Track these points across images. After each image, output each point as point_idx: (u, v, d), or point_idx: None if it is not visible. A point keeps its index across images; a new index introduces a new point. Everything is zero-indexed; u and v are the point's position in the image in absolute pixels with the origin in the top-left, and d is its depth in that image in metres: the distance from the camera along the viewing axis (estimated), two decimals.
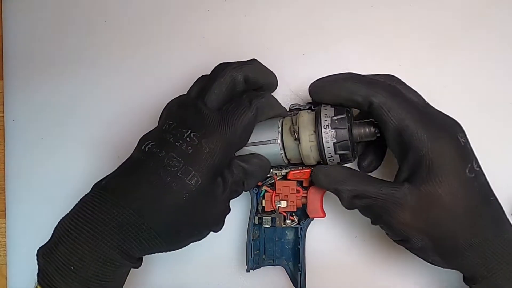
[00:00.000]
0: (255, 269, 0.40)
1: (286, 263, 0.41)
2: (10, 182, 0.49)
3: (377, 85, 0.33)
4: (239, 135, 0.34)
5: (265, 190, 0.40)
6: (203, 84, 0.36)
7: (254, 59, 0.37)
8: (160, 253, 0.34)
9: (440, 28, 0.44)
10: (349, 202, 0.34)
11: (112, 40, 0.48)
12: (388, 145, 0.34)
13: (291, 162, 0.38)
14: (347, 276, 0.44)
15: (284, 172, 0.39)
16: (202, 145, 0.32)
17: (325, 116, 0.35)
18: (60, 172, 0.48)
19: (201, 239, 0.36)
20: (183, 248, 0.36)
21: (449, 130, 0.33)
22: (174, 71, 0.47)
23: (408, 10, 0.44)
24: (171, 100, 0.37)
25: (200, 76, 0.37)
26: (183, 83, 0.46)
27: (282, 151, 0.37)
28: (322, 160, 0.36)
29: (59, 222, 0.32)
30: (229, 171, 0.35)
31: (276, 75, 0.39)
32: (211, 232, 0.36)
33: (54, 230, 0.32)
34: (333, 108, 0.35)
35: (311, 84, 0.36)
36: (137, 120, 0.47)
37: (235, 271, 0.45)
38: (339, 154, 0.35)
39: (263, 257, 0.41)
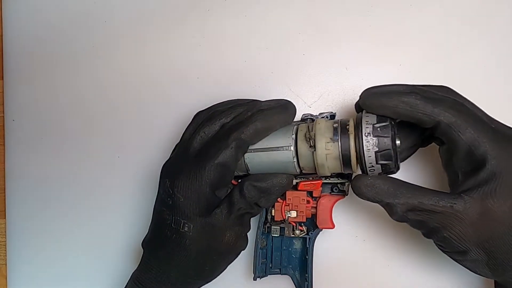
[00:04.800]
0: (262, 277, 0.40)
1: (293, 272, 0.41)
2: (10, 182, 0.49)
3: (442, 103, 0.31)
4: (216, 172, 0.33)
5: None
6: (196, 126, 0.36)
7: (255, 101, 0.36)
8: None
9: (440, 28, 0.44)
10: (402, 216, 0.32)
11: (112, 40, 0.48)
12: (457, 160, 0.32)
13: (303, 171, 0.36)
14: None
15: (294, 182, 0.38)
16: (175, 195, 0.34)
17: (367, 123, 0.32)
18: (60, 172, 0.48)
19: (234, 260, 0.37)
20: None
21: None
22: (174, 71, 0.47)
23: (408, 10, 0.44)
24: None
25: (196, 113, 0.37)
26: (182, 82, 0.47)
27: (295, 159, 0.34)
28: (361, 170, 0.33)
29: None
30: (240, 195, 0.34)
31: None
32: None
33: None
34: (375, 116, 0.33)
35: (363, 93, 0.33)
36: (136, 118, 0.47)
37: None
38: (381, 164, 0.32)
39: (270, 265, 0.41)
